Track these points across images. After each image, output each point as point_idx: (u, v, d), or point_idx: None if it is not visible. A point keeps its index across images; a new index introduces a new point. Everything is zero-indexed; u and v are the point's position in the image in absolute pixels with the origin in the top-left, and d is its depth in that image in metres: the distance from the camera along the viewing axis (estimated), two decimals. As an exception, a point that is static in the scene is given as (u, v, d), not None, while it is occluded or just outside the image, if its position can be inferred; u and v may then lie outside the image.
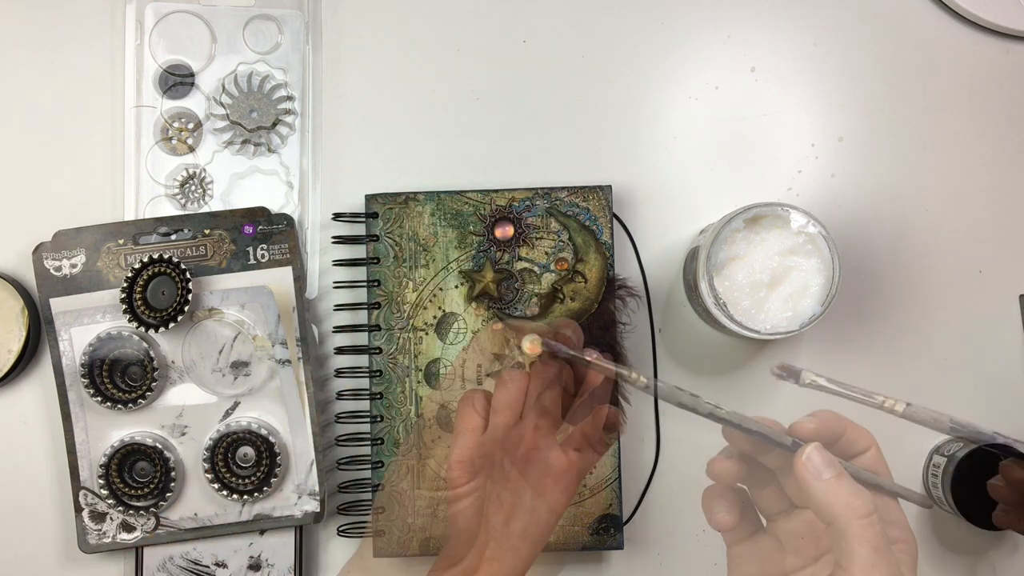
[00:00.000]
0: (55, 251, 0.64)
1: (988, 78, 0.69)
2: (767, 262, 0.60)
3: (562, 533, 0.64)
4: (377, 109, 0.68)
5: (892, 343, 0.68)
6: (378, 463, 0.65)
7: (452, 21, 0.69)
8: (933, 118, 0.69)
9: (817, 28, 0.69)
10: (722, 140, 0.69)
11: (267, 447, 0.64)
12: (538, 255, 0.65)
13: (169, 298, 0.63)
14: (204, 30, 0.67)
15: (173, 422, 0.64)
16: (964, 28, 0.69)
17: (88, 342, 0.63)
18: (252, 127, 0.67)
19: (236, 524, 0.64)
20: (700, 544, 0.67)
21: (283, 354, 0.64)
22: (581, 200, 0.65)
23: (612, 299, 0.65)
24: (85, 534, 0.64)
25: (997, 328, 0.68)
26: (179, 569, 0.65)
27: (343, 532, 0.65)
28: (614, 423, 0.50)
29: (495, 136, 0.68)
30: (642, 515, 0.67)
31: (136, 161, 0.67)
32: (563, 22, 0.69)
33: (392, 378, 0.65)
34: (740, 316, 0.59)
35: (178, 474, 0.64)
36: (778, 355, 0.67)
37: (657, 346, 0.67)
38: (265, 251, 0.65)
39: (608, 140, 0.68)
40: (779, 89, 0.69)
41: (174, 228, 0.65)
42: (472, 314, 0.65)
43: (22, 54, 0.68)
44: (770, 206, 0.60)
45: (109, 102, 0.68)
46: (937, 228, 0.68)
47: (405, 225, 0.65)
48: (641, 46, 0.69)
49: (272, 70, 0.67)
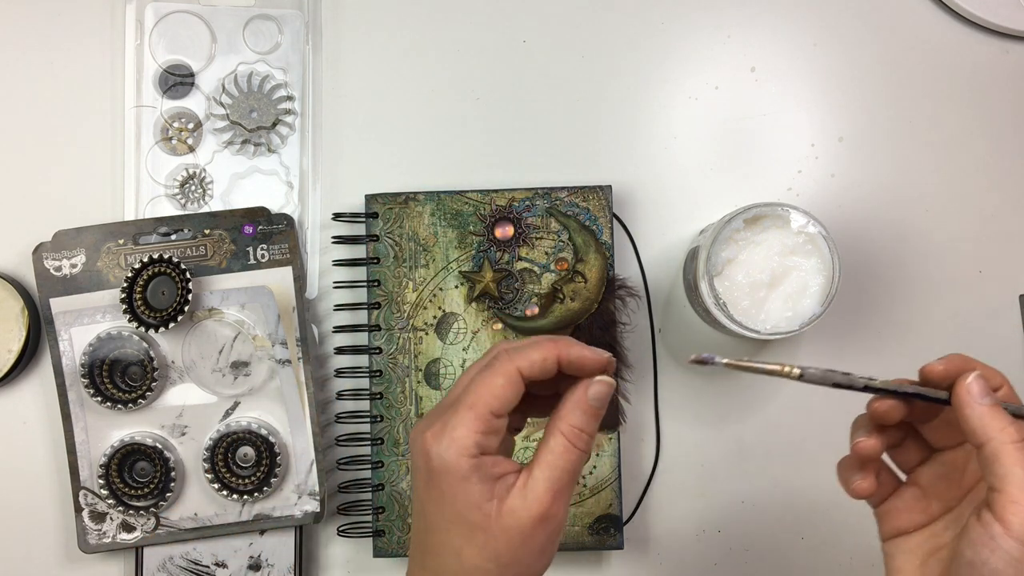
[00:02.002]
0: (55, 251, 0.64)
1: (988, 78, 0.69)
2: (767, 262, 0.60)
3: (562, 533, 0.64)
4: (377, 109, 0.68)
5: (892, 343, 0.68)
6: (378, 463, 0.65)
7: (452, 21, 0.69)
8: (933, 118, 0.69)
9: (817, 28, 0.69)
10: (722, 140, 0.69)
11: (267, 447, 0.64)
12: (538, 255, 0.65)
13: (169, 298, 0.63)
14: (204, 30, 0.67)
15: (173, 422, 0.64)
16: (964, 28, 0.69)
17: (88, 342, 0.63)
18: (252, 127, 0.67)
19: (236, 524, 0.64)
20: (700, 544, 0.67)
21: (283, 354, 0.64)
22: (581, 200, 0.65)
23: (612, 299, 0.65)
24: (85, 534, 0.64)
25: (997, 328, 0.68)
26: (179, 569, 0.65)
27: (343, 532, 0.65)
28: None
29: (495, 136, 0.68)
30: (642, 515, 0.67)
31: (136, 161, 0.67)
32: (563, 22, 0.69)
33: (392, 378, 0.65)
34: (740, 316, 0.59)
35: (178, 474, 0.64)
36: (778, 355, 0.67)
37: (657, 346, 0.67)
38: (265, 251, 0.65)
39: (608, 140, 0.68)
40: (779, 89, 0.69)
41: (174, 228, 0.65)
42: (472, 314, 0.65)
43: (22, 54, 0.68)
44: (770, 206, 0.60)
45: (109, 102, 0.68)
46: (937, 228, 0.68)
47: (405, 225, 0.65)
48: (641, 46, 0.69)
49: (272, 70, 0.67)
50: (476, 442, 0.41)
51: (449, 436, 0.41)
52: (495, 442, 0.42)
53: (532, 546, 0.41)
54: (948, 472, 0.46)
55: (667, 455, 0.67)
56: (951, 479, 0.46)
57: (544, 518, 0.41)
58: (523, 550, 0.41)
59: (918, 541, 0.46)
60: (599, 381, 0.43)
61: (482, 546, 0.41)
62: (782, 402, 0.67)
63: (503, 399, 0.41)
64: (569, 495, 0.42)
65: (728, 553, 0.67)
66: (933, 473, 0.47)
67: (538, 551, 0.42)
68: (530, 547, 0.41)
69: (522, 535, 0.41)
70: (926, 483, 0.47)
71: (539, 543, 0.41)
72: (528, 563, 0.42)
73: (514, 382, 0.41)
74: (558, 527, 0.42)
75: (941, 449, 0.47)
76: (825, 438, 0.67)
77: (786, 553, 0.67)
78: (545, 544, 0.42)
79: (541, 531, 0.41)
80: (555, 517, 0.42)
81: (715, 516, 0.67)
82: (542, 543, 0.42)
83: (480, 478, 0.41)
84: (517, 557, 0.41)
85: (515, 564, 0.41)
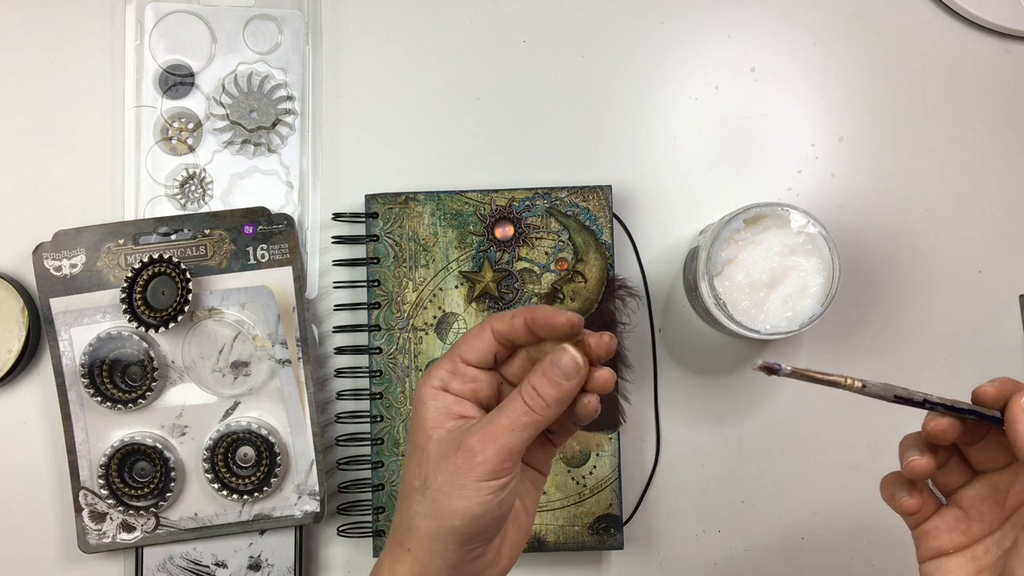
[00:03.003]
0: (55, 251, 0.64)
1: (988, 78, 0.69)
2: (767, 262, 0.60)
3: (562, 533, 0.64)
4: (377, 109, 0.68)
5: (892, 343, 0.68)
6: (378, 463, 0.65)
7: (452, 21, 0.69)
8: (933, 118, 0.69)
9: (817, 28, 0.69)
10: (722, 140, 0.69)
11: (267, 447, 0.64)
12: (538, 255, 0.65)
13: (169, 298, 0.63)
14: (204, 30, 0.67)
15: (173, 422, 0.64)
16: (964, 28, 0.69)
17: (88, 342, 0.63)
18: (252, 127, 0.67)
19: (236, 524, 0.64)
20: (700, 544, 0.67)
21: (283, 354, 0.64)
22: (581, 200, 0.65)
23: (612, 299, 0.65)
24: (85, 534, 0.64)
25: (997, 328, 0.68)
26: (179, 569, 0.65)
27: (343, 532, 0.65)
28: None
29: (495, 136, 0.68)
30: (642, 515, 0.67)
31: (136, 161, 0.67)
32: (563, 22, 0.69)
33: (392, 378, 0.65)
34: (740, 316, 0.59)
35: (178, 474, 0.64)
36: (778, 355, 0.67)
37: (657, 346, 0.67)
38: (265, 251, 0.65)
39: (608, 140, 0.68)
40: (779, 89, 0.69)
41: (174, 228, 0.65)
42: (472, 314, 0.65)
43: (22, 54, 0.68)
44: (770, 206, 0.59)
45: (109, 102, 0.68)
46: (937, 228, 0.68)
47: (405, 225, 0.65)
48: (641, 46, 0.69)
49: (272, 70, 0.67)
50: (441, 378, 0.45)
51: (428, 371, 0.45)
52: (459, 384, 0.45)
53: (451, 470, 0.42)
54: (991, 494, 0.46)
55: (667, 455, 0.67)
56: (994, 501, 0.46)
57: (470, 452, 0.42)
58: (443, 474, 0.43)
59: (959, 563, 0.46)
60: (560, 348, 0.43)
61: (418, 463, 0.44)
62: (782, 402, 0.67)
63: (473, 348, 0.45)
64: (507, 453, 0.42)
65: (728, 553, 0.67)
66: (976, 494, 0.47)
67: (455, 480, 0.42)
68: (450, 473, 0.42)
69: (443, 456, 0.43)
70: (968, 504, 0.47)
71: (458, 470, 0.42)
72: (445, 491, 0.42)
73: (484, 335, 0.45)
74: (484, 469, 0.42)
75: (985, 471, 0.47)
76: (825, 438, 0.67)
77: (786, 553, 0.67)
78: (464, 478, 0.42)
79: (465, 464, 0.42)
80: (485, 463, 0.42)
81: (715, 516, 0.67)
82: (461, 471, 0.42)
83: (436, 407, 0.44)
84: (437, 479, 0.43)
85: (434, 486, 0.43)
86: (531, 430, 0.43)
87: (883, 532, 0.67)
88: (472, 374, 0.45)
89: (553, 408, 0.43)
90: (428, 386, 0.45)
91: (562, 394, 0.43)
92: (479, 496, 0.42)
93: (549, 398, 0.43)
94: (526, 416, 0.43)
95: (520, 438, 0.43)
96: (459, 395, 0.45)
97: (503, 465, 0.42)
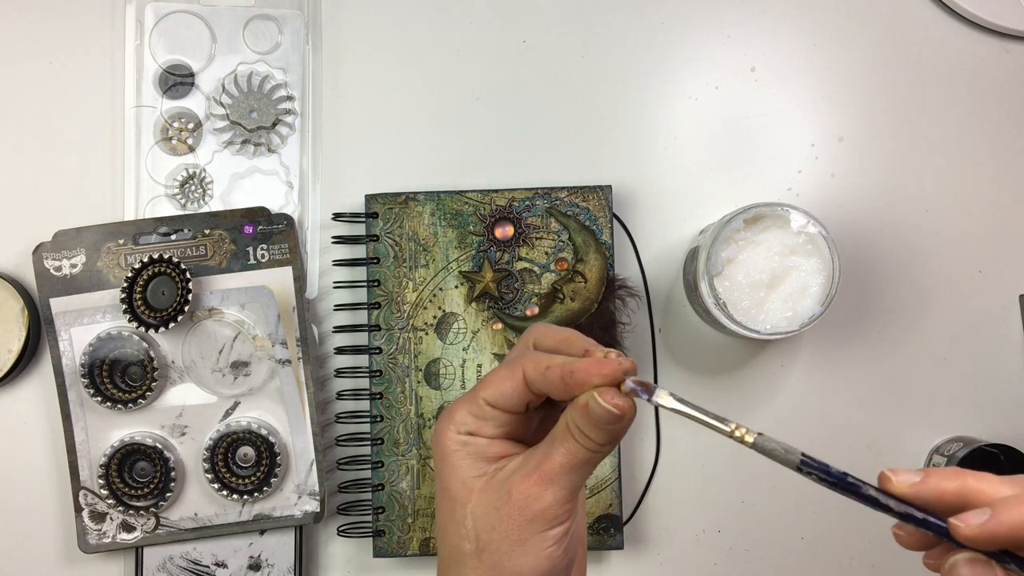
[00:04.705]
0: (55, 251, 0.64)
1: (988, 78, 0.69)
2: (767, 262, 0.60)
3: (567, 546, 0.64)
4: (377, 109, 0.68)
5: (892, 343, 0.68)
6: (378, 463, 0.65)
7: (452, 21, 0.69)
8: (933, 118, 0.69)
9: (817, 28, 0.69)
10: (722, 140, 0.69)
11: (267, 447, 0.64)
12: (538, 255, 0.65)
13: (169, 298, 0.63)
14: (204, 30, 0.67)
15: (173, 422, 0.64)
16: (964, 28, 0.69)
17: (88, 342, 0.63)
18: (252, 127, 0.67)
19: (236, 524, 0.64)
20: (700, 544, 0.67)
21: (283, 354, 0.64)
22: (581, 200, 0.65)
23: (612, 299, 0.65)
24: (85, 534, 0.64)
25: (997, 328, 0.68)
26: (179, 569, 0.65)
27: (343, 532, 0.65)
28: None
29: (495, 136, 0.68)
30: (642, 515, 0.67)
31: (136, 161, 0.67)
32: (563, 22, 0.69)
33: (392, 378, 0.65)
34: (740, 316, 0.59)
35: (178, 474, 0.64)
36: (778, 355, 0.67)
37: (657, 346, 0.67)
38: (265, 251, 0.65)
39: (608, 140, 0.68)
40: (779, 89, 0.69)
41: (174, 228, 0.65)
42: (472, 314, 0.65)
43: (22, 54, 0.68)
44: (770, 206, 0.60)
45: (109, 102, 0.68)
46: (937, 228, 0.68)
47: (405, 225, 0.65)
48: (641, 46, 0.69)
49: (272, 70, 0.67)
50: (465, 423, 0.39)
51: (448, 416, 0.40)
52: (489, 428, 0.39)
53: (508, 525, 0.37)
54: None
55: (667, 455, 0.67)
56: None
57: (525, 499, 0.37)
58: (497, 530, 0.37)
59: None
60: (592, 398, 0.37)
61: (460, 522, 0.38)
62: (782, 402, 0.67)
63: (499, 391, 0.39)
64: (569, 494, 0.38)
65: (728, 553, 0.67)
66: None
67: (515, 535, 0.37)
68: (505, 526, 0.37)
69: (494, 508, 0.37)
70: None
71: (516, 524, 0.37)
72: (504, 551, 0.37)
73: (515, 380, 0.39)
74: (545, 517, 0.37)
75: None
76: (825, 438, 0.67)
77: (786, 553, 0.67)
78: (525, 531, 0.37)
79: (521, 515, 0.37)
80: (545, 510, 0.37)
81: (715, 516, 0.67)
82: (520, 525, 0.37)
83: (468, 453, 0.39)
84: (492, 539, 0.37)
85: (490, 547, 0.37)
86: (592, 466, 0.38)
87: (883, 532, 0.67)
88: (501, 419, 0.39)
89: (610, 446, 0.38)
90: (451, 432, 0.39)
91: (604, 432, 0.38)
92: (543, 549, 0.37)
93: (592, 434, 0.38)
94: (582, 453, 0.37)
95: (581, 476, 0.38)
96: (491, 437, 0.40)
97: (564, 508, 0.37)
